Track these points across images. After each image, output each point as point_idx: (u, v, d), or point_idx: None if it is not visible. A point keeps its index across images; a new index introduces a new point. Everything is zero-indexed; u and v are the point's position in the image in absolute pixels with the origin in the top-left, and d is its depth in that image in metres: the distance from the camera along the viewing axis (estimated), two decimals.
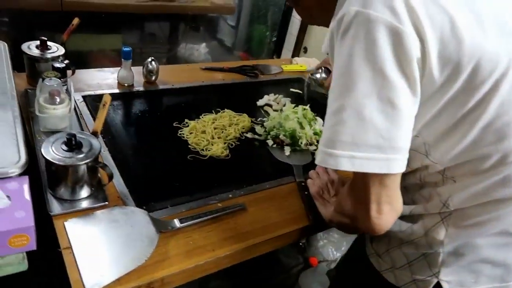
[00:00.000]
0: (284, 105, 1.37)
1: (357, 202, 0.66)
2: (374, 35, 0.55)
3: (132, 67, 1.25)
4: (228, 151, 1.08)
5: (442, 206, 0.68)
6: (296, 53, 3.00)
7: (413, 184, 0.74)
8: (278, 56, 3.05)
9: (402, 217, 0.73)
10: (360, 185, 0.64)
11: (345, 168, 0.60)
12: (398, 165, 0.59)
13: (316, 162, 0.65)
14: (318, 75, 1.37)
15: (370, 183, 0.62)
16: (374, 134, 0.58)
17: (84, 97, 1.16)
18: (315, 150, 1.16)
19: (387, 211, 0.63)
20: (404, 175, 0.68)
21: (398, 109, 0.57)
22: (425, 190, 0.72)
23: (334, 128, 0.60)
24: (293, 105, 1.29)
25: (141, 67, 1.30)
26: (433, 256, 0.70)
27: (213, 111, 1.24)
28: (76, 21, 1.17)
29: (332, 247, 1.71)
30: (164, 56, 2.42)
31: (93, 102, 1.15)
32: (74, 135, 0.78)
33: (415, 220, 0.73)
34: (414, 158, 0.69)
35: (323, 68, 1.37)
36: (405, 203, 0.66)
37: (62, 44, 1.15)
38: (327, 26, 0.71)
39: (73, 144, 0.79)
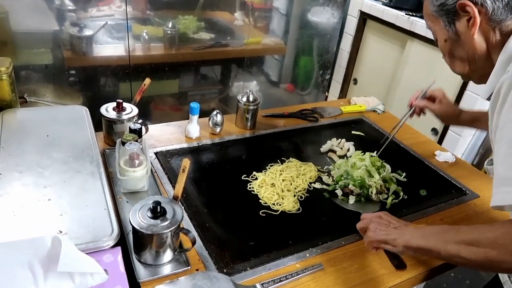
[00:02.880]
0: (348, 150, 1.35)
1: None
2: None
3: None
4: (298, 204, 1.08)
5: None
6: (345, 85, 3.00)
7: None
8: (328, 88, 3.05)
9: None
10: None
11: None
12: None
13: (497, 203, 0.66)
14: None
15: None
16: None
17: (156, 153, 1.21)
18: (386, 199, 1.13)
19: None
20: None
21: None
22: None
23: None
24: (360, 151, 1.27)
25: (206, 119, 1.34)
26: None
27: (278, 160, 1.25)
28: (147, 81, 1.24)
29: None
30: (217, 97, 2.49)
31: (164, 158, 1.20)
32: (159, 203, 0.81)
33: None
34: None
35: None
36: None
37: (135, 104, 1.22)
38: (484, 78, 0.77)
39: (158, 212, 0.81)
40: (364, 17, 2.69)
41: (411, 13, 2.35)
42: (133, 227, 0.80)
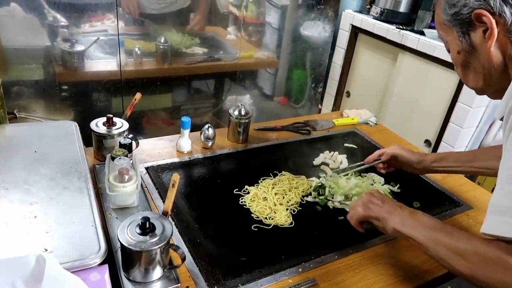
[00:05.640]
0: (341, 163, 1.35)
1: None
2: None
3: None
4: (291, 218, 1.06)
5: None
6: (338, 97, 3.01)
7: None
8: (321, 100, 3.06)
9: None
10: None
11: None
12: None
13: (488, 231, 0.63)
14: None
15: None
16: None
17: (147, 168, 1.19)
18: None
19: None
20: None
21: None
22: None
23: None
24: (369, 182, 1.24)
25: (198, 133, 1.33)
26: None
27: (271, 174, 1.24)
28: (138, 96, 1.23)
29: None
30: (210, 111, 2.49)
31: (155, 173, 1.18)
32: (148, 219, 0.80)
33: None
34: None
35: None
36: None
37: (125, 119, 1.21)
38: (500, 93, 0.71)
39: (147, 228, 0.80)
40: (356, 31, 2.72)
41: (401, 27, 2.38)
42: (121, 243, 0.79)
